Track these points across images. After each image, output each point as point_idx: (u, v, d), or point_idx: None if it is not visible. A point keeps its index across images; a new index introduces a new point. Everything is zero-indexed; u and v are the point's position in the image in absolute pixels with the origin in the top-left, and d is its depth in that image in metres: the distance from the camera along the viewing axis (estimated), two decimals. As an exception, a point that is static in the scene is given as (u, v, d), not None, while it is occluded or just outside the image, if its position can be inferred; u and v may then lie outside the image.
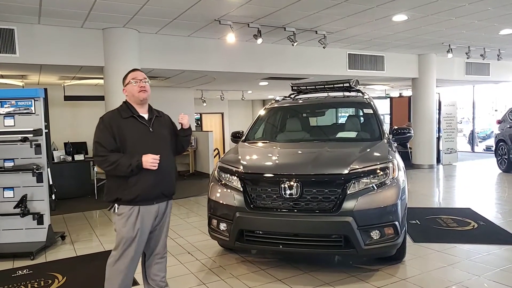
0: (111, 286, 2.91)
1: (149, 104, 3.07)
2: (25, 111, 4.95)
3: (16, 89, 6.46)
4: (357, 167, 3.73)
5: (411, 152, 11.98)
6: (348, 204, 3.55)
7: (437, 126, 12.28)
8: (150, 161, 2.75)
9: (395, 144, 4.66)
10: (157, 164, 2.78)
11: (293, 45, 7.81)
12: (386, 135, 4.63)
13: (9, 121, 4.93)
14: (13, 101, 4.93)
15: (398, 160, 4.07)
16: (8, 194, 4.99)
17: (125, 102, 3.00)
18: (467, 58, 10.56)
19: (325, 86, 5.43)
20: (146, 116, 2.98)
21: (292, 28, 7.59)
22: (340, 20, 7.22)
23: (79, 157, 8.65)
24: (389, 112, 14.89)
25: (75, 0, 5.74)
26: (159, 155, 2.80)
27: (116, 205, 2.87)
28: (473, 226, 5.48)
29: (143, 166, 2.76)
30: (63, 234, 5.54)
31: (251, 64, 8.92)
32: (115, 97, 7.33)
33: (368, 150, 4.18)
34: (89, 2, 5.82)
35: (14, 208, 4.88)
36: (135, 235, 2.84)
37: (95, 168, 8.77)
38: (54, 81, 10.08)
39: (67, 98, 10.45)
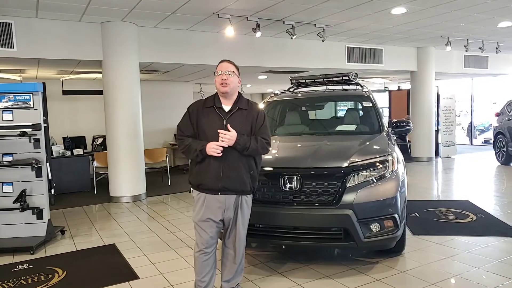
0: (196, 272, 3.15)
1: (239, 94, 3.06)
2: (23, 106, 4.93)
3: (14, 84, 6.43)
4: (357, 160, 3.74)
5: (410, 145, 12.00)
6: (348, 197, 3.56)
7: (436, 119, 12.27)
8: (212, 146, 2.81)
9: (394, 137, 4.66)
10: (220, 151, 2.82)
11: (292, 38, 7.78)
12: (386, 128, 4.62)
13: (7, 116, 4.91)
14: (11, 96, 4.91)
15: (397, 153, 4.07)
16: (7, 188, 4.99)
17: (216, 92, 3.05)
18: (466, 51, 10.53)
19: (324, 80, 5.41)
20: (228, 108, 2.98)
21: (291, 21, 7.56)
22: (339, 13, 7.19)
23: (78, 151, 8.64)
24: (388, 105, 14.90)
25: (73, -6, 5.71)
26: (223, 143, 2.82)
27: (191, 188, 3.07)
28: (472, 218, 5.51)
29: (207, 152, 2.83)
30: (63, 228, 5.55)
31: (250, 57, 8.88)
32: (114, 91, 7.33)
33: (368, 143, 4.17)
34: (87, -4, 5.80)
35: (14, 202, 4.88)
36: (201, 220, 3.01)
37: (94, 163, 8.78)
38: (52, 75, 10.03)
39: (65, 92, 10.41)
